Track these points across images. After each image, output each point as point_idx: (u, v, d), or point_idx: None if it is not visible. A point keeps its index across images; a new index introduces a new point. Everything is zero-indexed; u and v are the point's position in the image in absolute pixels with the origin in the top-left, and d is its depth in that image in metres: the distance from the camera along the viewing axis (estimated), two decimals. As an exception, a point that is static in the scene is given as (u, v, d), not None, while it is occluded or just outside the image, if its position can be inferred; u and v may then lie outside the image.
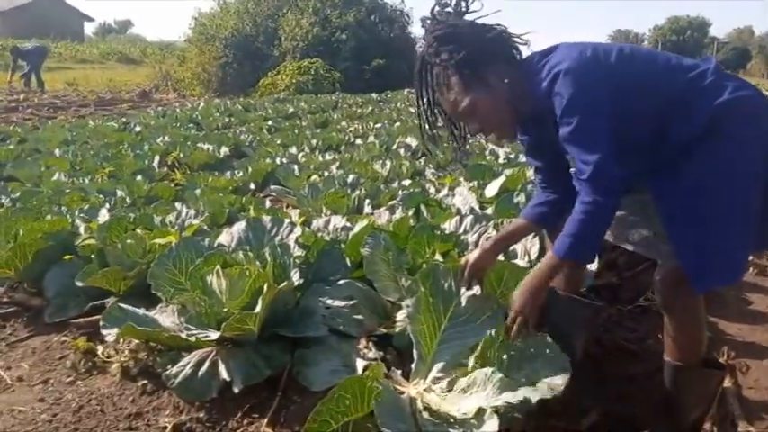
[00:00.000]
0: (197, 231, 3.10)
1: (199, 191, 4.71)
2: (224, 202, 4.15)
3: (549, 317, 1.87)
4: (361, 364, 2.11)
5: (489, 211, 3.41)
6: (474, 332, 1.96)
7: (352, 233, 2.88)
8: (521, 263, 2.50)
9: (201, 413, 1.98)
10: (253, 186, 5.58)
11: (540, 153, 1.94)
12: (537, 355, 1.82)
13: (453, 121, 1.86)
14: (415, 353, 1.98)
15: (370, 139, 8.08)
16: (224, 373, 2.06)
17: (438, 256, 2.54)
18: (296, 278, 2.33)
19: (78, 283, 2.71)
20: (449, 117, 1.84)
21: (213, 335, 2.15)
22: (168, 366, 2.11)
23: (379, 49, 22.19)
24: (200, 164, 6.56)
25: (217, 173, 5.81)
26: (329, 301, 2.39)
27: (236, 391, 2.01)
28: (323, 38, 22.07)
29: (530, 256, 2.60)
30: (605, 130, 1.58)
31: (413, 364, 1.97)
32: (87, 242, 2.99)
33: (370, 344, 2.24)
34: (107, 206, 3.92)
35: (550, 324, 1.87)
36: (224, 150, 7.10)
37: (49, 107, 13.46)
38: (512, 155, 6.06)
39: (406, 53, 22.04)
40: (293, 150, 7.21)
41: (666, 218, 1.64)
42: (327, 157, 6.71)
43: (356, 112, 12.36)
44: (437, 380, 1.91)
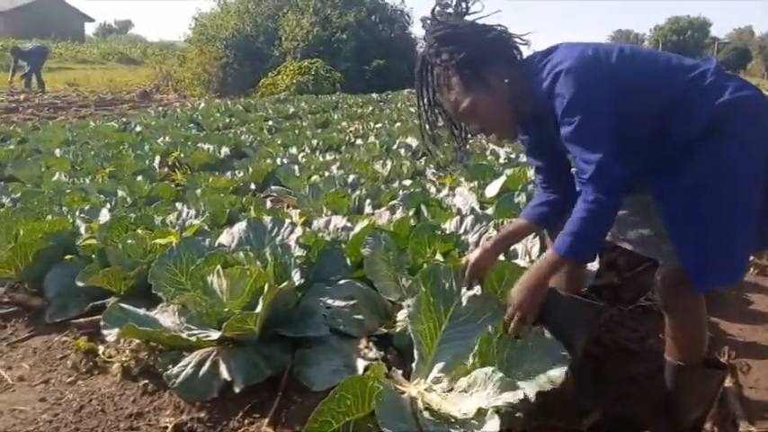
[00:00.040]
0: (198, 231, 3.10)
1: (199, 191, 4.71)
2: (225, 202, 4.15)
3: (551, 317, 1.87)
4: (361, 364, 2.11)
5: (490, 210, 3.41)
6: (475, 332, 1.96)
7: (352, 233, 2.88)
8: (521, 263, 2.50)
9: (202, 413, 1.98)
10: (253, 186, 5.58)
11: (541, 153, 1.94)
12: (535, 349, 1.83)
13: (454, 122, 1.86)
14: (415, 353, 1.98)
15: (371, 139, 8.08)
16: (225, 373, 2.06)
17: (439, 256, 2.53)
18: (297, 278, 2.33)
19: (79, 284, 2.71)
20: (449, 117, 1.84)
21: (214, 335, 2.15)
22: (169, 366, 2.11)
23: (380, 50, 22.20)
24: (200, 164, 6.56)
25: (217, 173, 5.81)
26: (330, 301, 2.39)
27: (236, 390, 2.01)
28: (323, 38, 22.08)
29: (530, 256, 2.60)
30: (606, 129, 1.58)
31: (413, 364, 1.97)
32: (88, 242, 2.99)
33: (371, 344, 2.24)
34: (108, 206, 3.91)
35: (551, 324, 1.87)
36: (224, 150, 7.09)
37: (50, 107, 13.44)
38: (512, 155, 6.06)
39: (406, 53, 22.06)
40: (294, 150, 7.21)
41: (667, 217, 1.64)
42: (328, 157, 6.71)
43: (357, 112, 12.35)
44: (438, 380, 1.91)
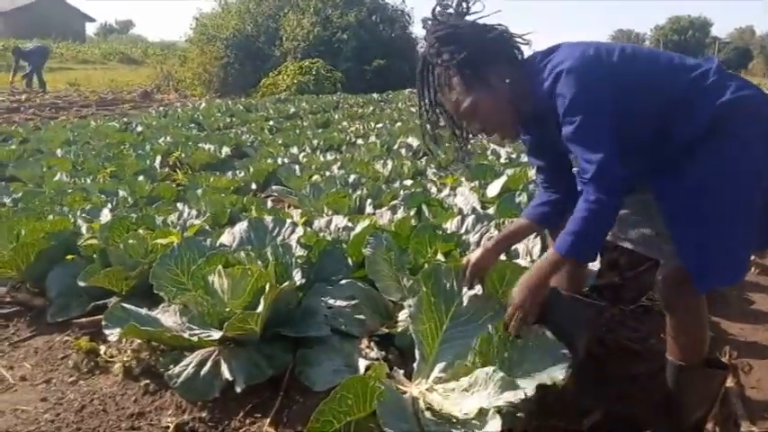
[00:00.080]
0: (199, 231, 3.10)
1: (200, 191, 4.72)
2: (226, 202, 4.15)
3: (552, 316, 1.87)
4: (363, 363, 2.11)
5: (491, 210, 3.41)
6: (476, 332, 1.96)
7: (353, 233, 2.88)
8: (523, 262, 2.50)
9: (204, 413, 1.98)
10: (254, 186, 5.58)
11: (542, 153, 1.94)
12: (536, 349, 1.83)
13: (455, 122, 1.85)
14: (417, 353, 1.98)
15: (372, 139, 8.08)
16: (226, 373, 2.06)
17: (440, 256, 2.53)
18: (298, 278, 2.33)
19: (80, 283, 2.71)
20: (451, 117, 1.84)
21: (215, 335, 2.15)
22: (170, 366, 2.12)
23: (381, 50, 22.20)
24: (201, 164, 6.56)
25: (218, 173, 5.80)
26: (331, 301, 2.39)
27: (238, 390, 2.01)
28: (324, 38, 22.08)
29: (532, 256, 2.60)
30: (608, 129, 1.58)
31: (415, 364, 1.98)
32: (89, 242, 2.99)
33: (372, 344, 2.24)
34: (109, 206, 3.92)
35: (553, 324, 1.87)
36: (225, 150, 7.10)
37: (51, 107, 13.45)
38: (513, 155, 6.07)
39: (407, 53, 22.08)
40: (294, 150, 7.21)
41: (669, 217, 1.64)
42: (329, 157, 6.71)
43: (357, 112, 12.35)
44: (439, 380, 1.91)
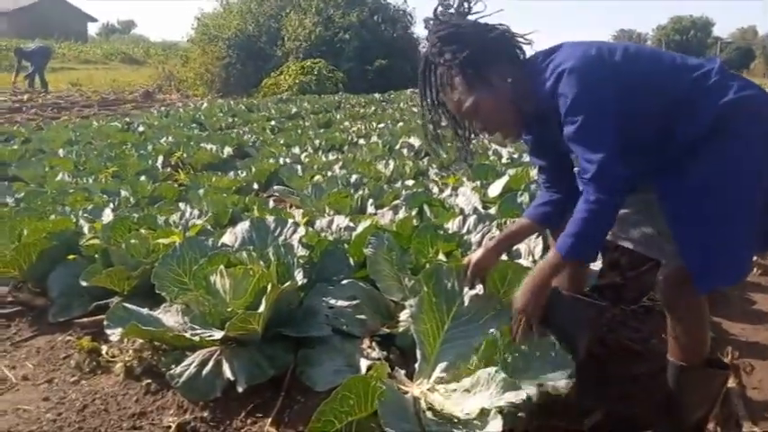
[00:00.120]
0: (201, 231, 3.11)
1: (202, 191, 4.72)
2: (227, 202, 4.15)
3: (553, 317, 1.86)
4: (364, 363, 2.11)
5: (492, 210, 3.41)
6: (477, 332, 1.96)
7: (355, 233, 2.88)
8: (524, 262, 2.49)
9: (205, 413, 1.98)
10: (256, 186, 5.59)
11: (544, 152, 1.94)
12: (541, 357, 1.81)
13: (457, 121, 1.85)
14: (418, 353, 1.98)
15: (373, 139, 8.08)
16: (228, 373, 2.06)
17: (441, 256, 2.53)
18: (299, 278, 2.33)
19: (82, 283, 2.71)
20: (453, 117, 1.84)
21: (217, 334, 2.15)
22: (172, 366, 2.12)
23: (382, 50, 22.19)
24: (203, 164, 6.56)
25: (220, 173, 5.81)
26: (332, 301, 2.39)
27: (240, 390, 2.01)
28: (326, 38, 22.07)
29: (533, 256, 2.60)
30: (610, 128, 1.58)
31: (416, 364, 1.98)
32: (91, 242, 2.99)
33: (374, 344, 2.24)
34: (111, 206, 3.92)
35: (554, 324, 1.87)
36: (227, 150, 7.10)
37: (53, 107, 13.47)
38: (515, 154, 6.06)
39: (408, 53, 22.09)
40: (296, 150, 7.21)
41: (671, 217, 1.64)
42: (330, 157, 6.71)
43: (359, 112, 12.35)
44: (440, 380, 1.91)
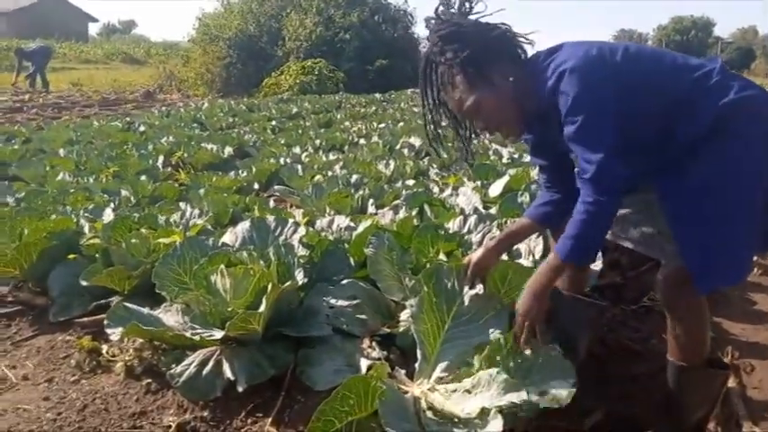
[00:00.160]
0: (201, 231, 3.11)
1: (203, 191, 4.72)
2: (228, 201, 4.15)
3: (553, 317, 1.87)
4: (364, 363, 2.11)
5: (493, 210, 3.41)
6: (477, 331, 1.96)
7: (355, 233, 2.88)
8: (525, 262, 2.50)
9: (206, 412, 1.98)
10: (257, 186, 5.59)
11: (545, 152, 1.93)
12: (544, 365, 1.79)
13: (459, 121, 1.85)
14: (418, 352, 1.98)
15: (374, 138, 8.08)
16: (228, 373, 2.06)
17: (442, 256, 2.53)
18: (300, 278, 2.33)
19: (83, 283, 2.71)
20: (454, 116, 1.84)
21: (217, 334, 2.15)
22: (172, 365, 2.12)
23: (383, 50, 22.17)
24: (204, 164, 6.56)
25: (221, 173, 5.80)
26: (333, 301, 2.39)
27: (240, 390, 2.01)
28: (326, 38, 22.06)
29: (534, 256, 2.60)
30: (611, 128, 1.57)
31: (416, 364, 1.98)
32: (92, 241, 2.99)
33: (374, 343, 2.24)
34: (111, 206, 3.93)
35: (554, 324, 1.87)
36: (228, 150, 7.10)
37: (54, 107, 13.47)
38: (516, 154, 6.07)
39: (409, 53, 22.06)
40: (297, 150, 7.21)
41: (672, 217, 1.64)
42: (331, 156, 6.71)
43: (360, 112, 12.35)
44: (441, 380, 1.91)
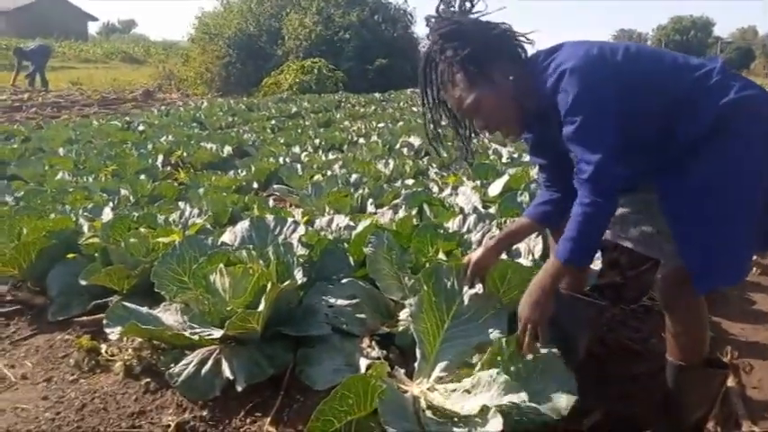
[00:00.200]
0: (200, 230, 3.10)
1: (202, 190, 4.72)
2: (227, 201, 4.15)
3: (553, 317, 1.86)
4: (364, 362, 2.11)
5: (492, 210, 3.41)
6: (477, 331, 1.96)
7: (355, 232, 2.88)
8: (524, 262, 2.49)
9: (204, 412, 1.98)
10: (256, 185, 5.59)
11: (544, 151, 1.93)
12: (545, 373, 1.79)
13: (458, 120, 1.85)
14: (418, 352, 1.98)
15: (373, 138, 8.08)
16: (227, 372, 2.06)
17: (441, 255, 2.53)
18: (299, 277, 2.33)
19: (82, 282, 2.71)
20: (453, 115, 1.84)
21: (216, 333, 2.15)
22: (171, 365, 2.12)
23: (383, 49, 22.16)
24: (203, 163, 6.57)
25: (220, 172, 5.81)
26: (332, 300, 2.39)
27: (239, 389, 2.01)
28: (326, 37, 22.05)
29: (533, 255, 2.60)
30: (611, 128, 1.57)
31: (416, 363, 1.97)
32: (91, 241, 2.99)
33: (373, 343, 2.23)
34: (110, 205, 3.92)
35: (554, 324, 1.86)
36: (227, 149, 7.10)
37: (53, 106, 13.46)
38: (515, 154, 6.07)
39: (409, 53, 22.04)
40: (296, 150, 7.21)
41: (672, 217, 1.64)
42: (330, 156, 6.71)
43: (359, 111, 12.34)
44: (440, 379, 1.91)
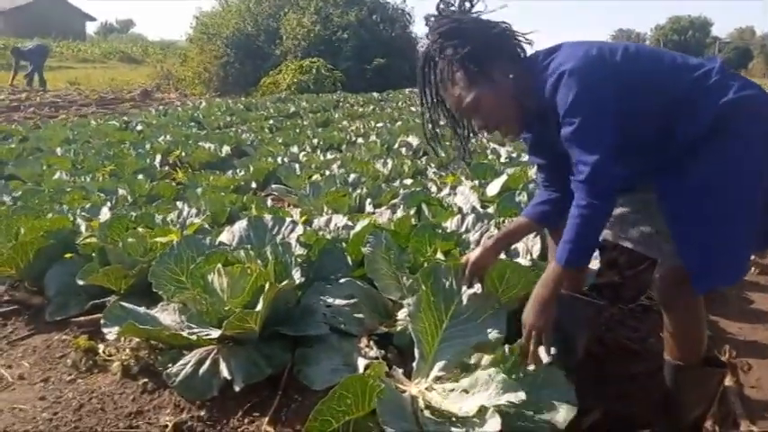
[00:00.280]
0: (198, 230, 3.10)
1: (200, 189, 4.72)
2: (225, 200, 4.15)
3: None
4: (362, 362, 2.11)
5: (491, 209, 3.41)
6: (475, 331, 1.96)
7: (353, 232, 2.88)
8: (522, 261, 2.49)
9: (202, 412, 1.97)
10: (254, 185, 5.59)
11: (543, 151, 1.93)
12: (546, 384, 1.78)
13: (457, 119, 1.85)
14: (416, 352, 1.98)
15: (372, 138, 8.08)
16: (225, 372, 2.05)
17: (439, 255, 2.53)
18: (297, 277, 2.32)
19: (79, 282, 2.71)
20: (452, 115, 1.83)
21: (214, 333, 2.15)
22: (169, 365, 2.11)
23: (381, 49, 22.18)
24: (201, 163, 6.57)
25: (218, 172, 5.81)
26: (330, 300, 2.38)
27: (237, 389, 2.01)
28: (324, 37, 22.06)
29: (531, 255, 2.60)
30: (610, 129, 1.57)
31: (414, 363, 1.97)
32: (88, 241, 2.99)
33: (372, 343, 2.23)
34: (108, 205, 3.91)
35: (553, 323, 1.86)
36: (225, 149, 7.10)
37: (51, 106, 13.45)
38: (514, 154, 6.07)
39: (407, 52, 22.05)
40: (294, 149, 7.21)
41: (671, 217, 1.64)
42: (329, 156, 6.71)
43: (357, 111, 12.35)
44: (439, 379, 1.90)
